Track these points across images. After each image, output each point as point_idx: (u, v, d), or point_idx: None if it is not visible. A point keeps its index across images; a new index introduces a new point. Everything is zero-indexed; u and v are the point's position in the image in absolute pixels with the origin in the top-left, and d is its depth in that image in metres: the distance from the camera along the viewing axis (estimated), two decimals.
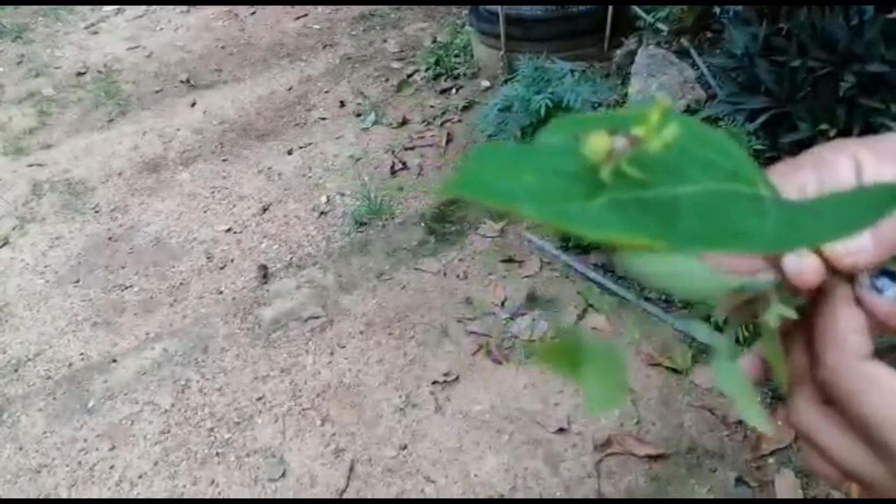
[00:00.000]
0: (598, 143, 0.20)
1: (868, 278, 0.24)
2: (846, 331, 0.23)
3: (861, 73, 1.30)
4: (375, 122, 1.95)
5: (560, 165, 0.21)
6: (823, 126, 1.37)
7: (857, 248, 0.22)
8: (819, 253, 0.23)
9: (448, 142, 1.83)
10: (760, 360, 0.28)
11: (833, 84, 1.35)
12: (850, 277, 0.24)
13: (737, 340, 0.27)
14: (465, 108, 1.94)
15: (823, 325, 0.24)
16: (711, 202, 0.21)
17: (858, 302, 0.24)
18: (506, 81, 1.79)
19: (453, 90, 2.04)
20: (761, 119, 1.46)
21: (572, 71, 1.52)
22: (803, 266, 0.23)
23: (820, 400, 0.24)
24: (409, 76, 2.13)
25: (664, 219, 0.20)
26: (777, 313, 0.23)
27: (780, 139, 1.45)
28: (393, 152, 1.82)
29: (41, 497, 1.16)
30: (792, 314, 0.23)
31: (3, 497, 1.17)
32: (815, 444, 0.24)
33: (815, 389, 0.24)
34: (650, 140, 0.20)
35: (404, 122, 1.93)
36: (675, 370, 1.20)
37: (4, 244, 1.70)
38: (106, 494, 1.15)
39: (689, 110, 1.67)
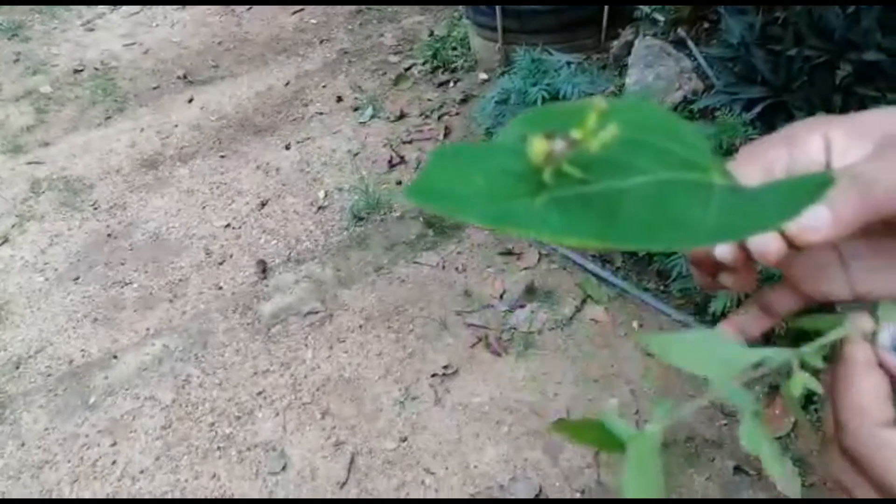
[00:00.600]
0: (536, 146, 0.20)
1: (890, 338, 0.24)
2: (867, 398, 0.23)
3: (857, 62, 1.30)
4: (373, 117, 1.95)
5: (510, 165, 0.21)
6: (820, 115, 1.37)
7: (812, 226, 0.22)
8: (781, 233, 0.23)
9: (446, 135, 1.83)
10: (744, 323, 0.29)
11: (829, 73, 1.35)
12: (870, 339, 0.24)
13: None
14: (463, 101, 1.94)
15: (844, 390, 0.24)
16: (656, 194, 0.21)
17: (880, 364, 0.24)
18: (503, 74, 1.79)
19: (451, 83, 2.04)
20: (758, 108, 1.47)
21: (569, 63, 1.51)
22: (767, 245, 0.23)
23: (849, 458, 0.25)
24: (407, 70, 2.13)
25: (605, 215, 0.20)
26: (800, 384, 0.23)
27: (776, 128, 1.45)
28: (391, 146, 1.81)
29: (44, 494, 1.17)
30: (817, 387, 0.24)
31: (8, 492, 1.18)
32: (850, 494, 0.25)
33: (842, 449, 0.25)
34: (588, 141, 0.21)
35: (402, 116, 1.93)
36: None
37: (4, 242, 1.70)
38: (108, 489, 1.15)
39: (686, 101, 1.67)
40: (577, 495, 1.06)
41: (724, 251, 0.25)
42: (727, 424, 1.12)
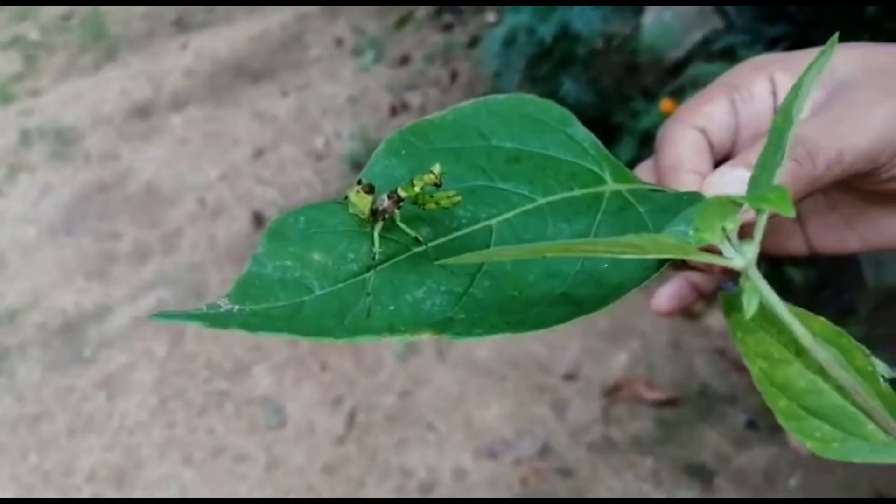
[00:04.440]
0: (357, 201, 0.19)
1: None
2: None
3: None
4: (374, 61, 1.87)
5: (347, 226, 0.20)
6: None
7: (732, 181, 0.21)
8: None
9: (452, 80, 1.75)
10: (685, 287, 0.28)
11: (857, 8, 1.27)
12: None
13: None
14: (470, 44, 1.85)
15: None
16: (526, 235, 0.19)
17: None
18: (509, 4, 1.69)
19: (456, 26, 1.95)
20: (781, 47, 1.38)
21: None
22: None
23: None
24: (410, 12, 2.03)
25: (459, 287, 0.18)
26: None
27: None
28: (393, 92, 1.74)
29: (42, 446, 1.16)
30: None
31: (5, 444, 1.17)
32: None
33: None
34: (423, 202, 0.19)
35: (405, 61, 1.85)
36: (686, 313, 1.16)
37: None
38: (105, 442, 1.14)
39: (706, 41, 1.58)
40: (584, 451, 1.03)
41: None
42: (740, 378, 1.08)
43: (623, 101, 1.34)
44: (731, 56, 1.48)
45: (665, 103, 1.20)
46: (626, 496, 0.98)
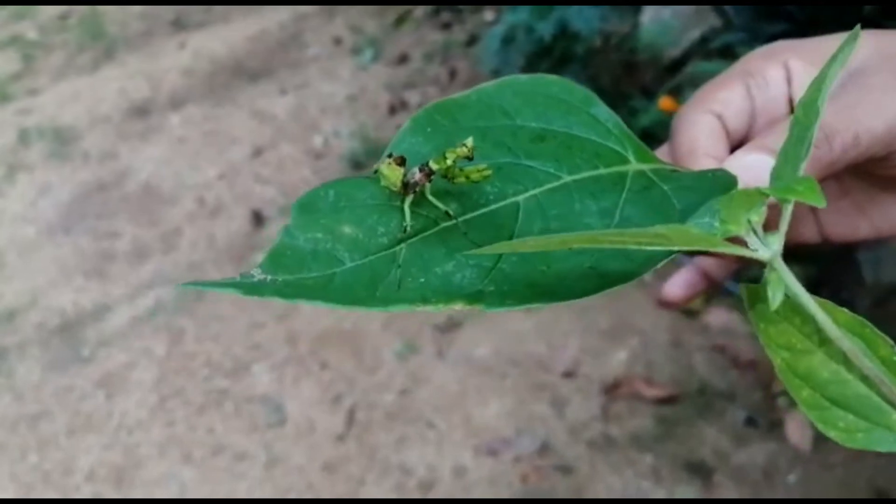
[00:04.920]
0: (389, 173, 0.19)
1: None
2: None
3: None
4: (373, 60, 1.86)
5: (378, 199, 0.20)
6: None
7: (750, 165, 0.21)
8: None
9: (451, 78, 1.75)
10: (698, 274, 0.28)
11: (856, 6, 1.27)
12: None
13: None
14: (469, 42, 1.85)
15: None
16: (554, 214, 0.19)
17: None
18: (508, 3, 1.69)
19: (455, 24, 1.95)
20: None
21: None
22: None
23: None
24: (409, 10, 2.03)
25: (487, 262, 0.18)
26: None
27: None
28: (392, 91, 1.74)
29: (41, 445, 1.15)
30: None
31: (4, 443, 1.17)
32: None
33: None
34: (453, 175, 0.19)
35: (404, 59, 1.85)
36: (686, 311, 1.16)
37: None
38: (104, 441, 1.14)
39: (704, 39, 1.58)
40: (584, 448, 1.03)
41: None
42: (740, 376, 1.08)
43: (622, 100, 1.34)
44: (729, 54, 1.48)
45: (664, 101, 1.20)
46: (625, 493, 0.98)
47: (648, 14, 1.68)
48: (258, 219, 1.46)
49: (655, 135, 1.21)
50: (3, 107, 1.93)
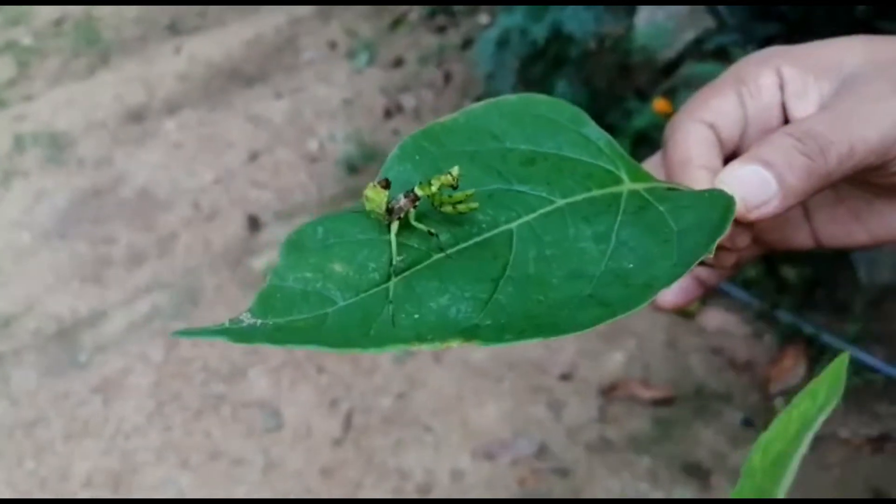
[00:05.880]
0: (373, 196, 0.19)
1: None
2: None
3: None
4: (368, 63, 1.87)
5: (367, 234, 0.20)
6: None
7: (761, 202, 0.21)
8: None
9: (446, 82, 1.75)
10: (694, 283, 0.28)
11: (848, 7, 1.27)
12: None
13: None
14: (464, 45, 1.86)
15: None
16: (547, 238, 0.19)
17: None
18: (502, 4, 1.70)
19: (450, 27, 1.95)
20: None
21: None
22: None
23: None
24: (404, 14, 2.03)
25: (483, 293, 0.18)
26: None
27: None
28: (387, 94, 1.74)
29: (38, 451, 1.15)
30: None
31: (1, 449, 1.16)
32: None
33: None
34: (440, 202, 0.19)
35: (399, 63, 1.85)
36: (682, 313, 1.16)
37: None
38: (101, 447, 1.14)
39: (698, 41, 1.58)
40: (581, 450, 1.03)
41: None
42: (737, 377, 1.09)
43: (616, 102, 1.35)
44: (723, 56, 1.48)
45: (658, 103, 1.21)
46: (623, 495, 0.98)
47: (642, 16, 1.68)
48: (254, 223, 1.46)
49: (650, 137, 1.22)
50: None
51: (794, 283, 1.13)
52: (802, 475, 0.15)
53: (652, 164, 0.26)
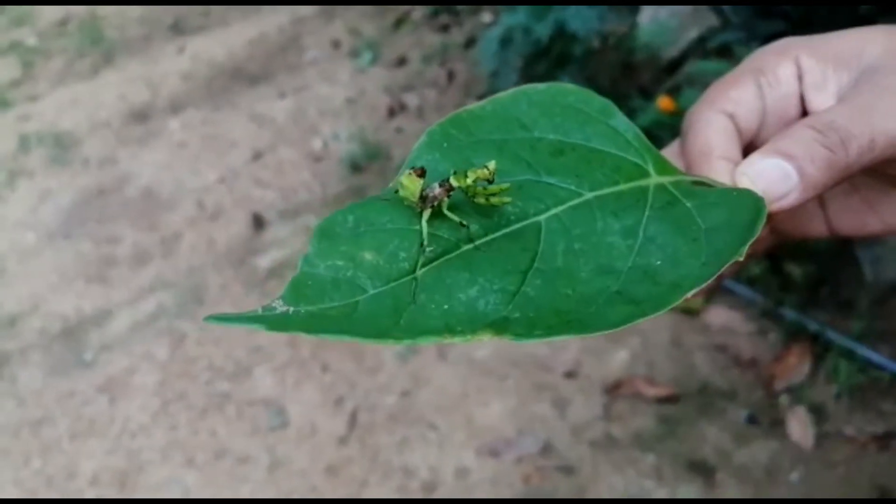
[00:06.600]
0: (409, 184, 0.19)
1: None
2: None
3: None
4: (372, 62, 1.87)
5: (397, 224, 0.19)
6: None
7: (780, 194, 0.21)
8: None
9: (450, 80, 1.75)
10: None
11: (852, 5, 1.27)
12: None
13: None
14: (467, 44, 1.86)
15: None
16: (575, 234, 0.19)
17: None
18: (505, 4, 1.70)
19: (453, 26, 1.95)
20: None
21: None
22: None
23: None
24: (407, 13, 2.04)
25: (511, 286, 0.18)
26: None
27: None
28: (391, 93, 1.74)
29: (44, 450, 1.15)
30: None
31: (7, 449, 1.17)
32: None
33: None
34: (474, 194, 0.19)
35: (402, 62, 1.85)
36: (686, 310, 1.16)
37: None
38: (107, 446, 1.14)
39: (702, 39, 1.58)
40: (586, 448, 1.03)
41: None
42: (741, 374, 1.08)
43: (620, 100, 1.34)
44: (727, 53, 1.48)
45: (662, 101, 1.20)
46: (627, 493, 0.98)
47: (646, 14, 1.68)
48: (258, 222, 1.46)
49: (654, 135, 1.21)
50: (3, 113, 1.94)
51: (799, 280, 1.12)
52: (807, 473, 0.15)
53: (669, 153, 0.26)
